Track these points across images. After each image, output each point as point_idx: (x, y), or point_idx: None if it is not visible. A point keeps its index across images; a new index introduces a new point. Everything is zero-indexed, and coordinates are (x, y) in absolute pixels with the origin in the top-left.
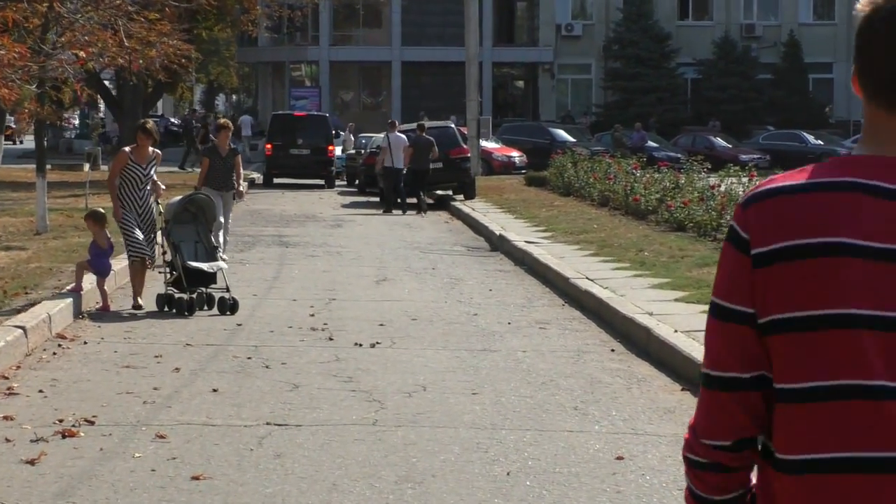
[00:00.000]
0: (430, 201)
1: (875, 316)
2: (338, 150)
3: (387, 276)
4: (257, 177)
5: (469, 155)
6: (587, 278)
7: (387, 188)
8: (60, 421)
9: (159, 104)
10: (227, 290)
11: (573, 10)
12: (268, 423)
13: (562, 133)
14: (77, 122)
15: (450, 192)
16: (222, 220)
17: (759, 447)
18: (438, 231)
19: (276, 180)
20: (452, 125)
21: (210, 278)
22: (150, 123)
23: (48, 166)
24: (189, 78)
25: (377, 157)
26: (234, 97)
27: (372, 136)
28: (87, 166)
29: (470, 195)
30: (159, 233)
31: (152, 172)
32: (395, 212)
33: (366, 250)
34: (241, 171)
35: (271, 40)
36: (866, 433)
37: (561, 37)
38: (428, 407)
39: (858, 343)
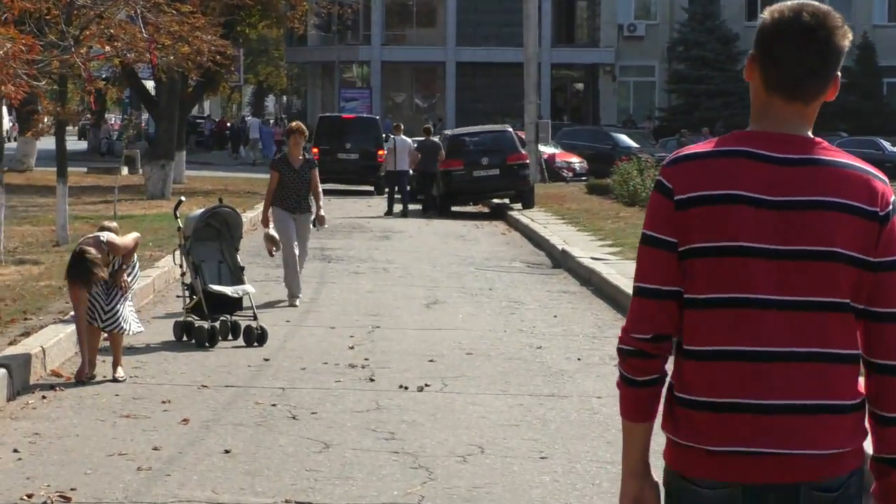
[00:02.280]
0: (486, 209)
1: (758, 248)
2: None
3: (438, 299)
4: None
5: (528, 161)
6: None
7: (390, 190)
8: (29, 496)
9: (206, 105)
10: (255, 317)
11: (636, 9)
12: (286, 501)
13: (624, 138)
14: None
15: (506, 201)
16: (296, 251)
17: (675, 345)
18: (495, 244)
19: (322, 186)
20: (509, 129)
21: (235, 304)
22: (91, 253)
23: (84, 169)
24: (232, 77)
25: (385, 159)
26: (284, 98)
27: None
28: (124, 169)
29: (528, 204)
30: (176, 252)
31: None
32: (395, 213)
33: (415, 266)
34: (320, 188)
35: (321, 39)
36: (748, 332)
37: (623, 37)
38: (487, 477)
39: (746, 267)
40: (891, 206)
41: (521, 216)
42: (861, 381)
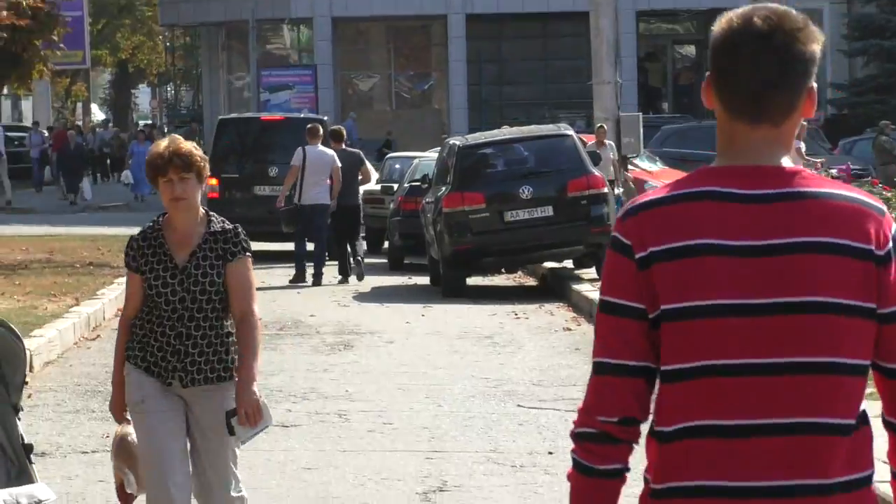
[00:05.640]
0: (532, 281)
1: (732, 304)
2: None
3: (445, 480)
4: None
5: (605, 189)
6: None
7: (298, 240)
8: None
9: (26, 106)
10: None
11: None
12: None
13: None
14: None
15: (568, 265)
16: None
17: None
18: (552, 351)
19: None
20: (571, 132)
21: None
22: None
23: None
24: (53, 55)
25: (293, 188)
26: (169, 90)
27: (416, 158)
28: None
29: None
30: None
31: None
32: (307, 280)
33: (400, 405)
34: (255, 313)
35: None
36: (723, 404)
37: None
38: None
39: (717, 328)
40: (891, 242)
41: (598, 292)
42: (871, 451)
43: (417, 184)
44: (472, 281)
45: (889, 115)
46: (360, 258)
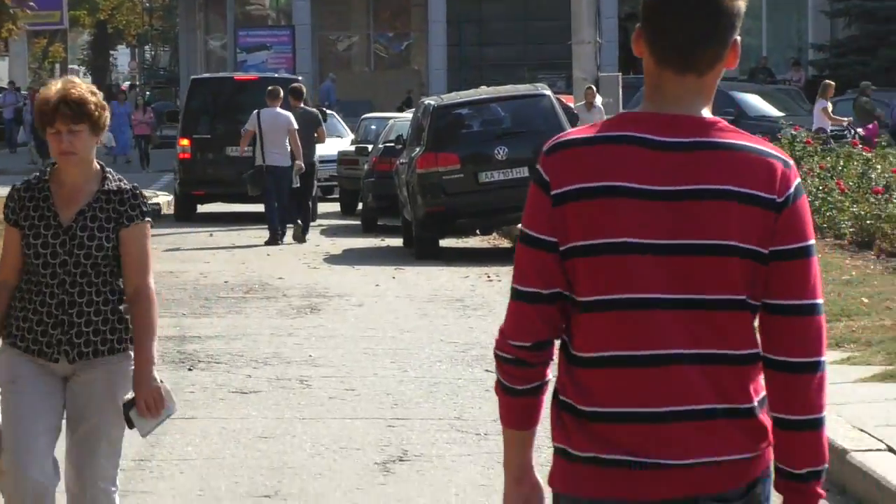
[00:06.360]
0: (507, 243)
1: (644, 243)
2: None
3: (406, 448)
4: (161, 200)
5: None
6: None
7: (267, 200)
8: None
9: (1, 68)
10: None
11: None
12: None
13: (753, 100)
14: None
15: None
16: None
17: (559, 347)
18: None
19: (199, 207)
20: (548, 92)
21: None
22: None
23: None
24: (23, 15)
25: (255, 150)
26: (148, 51)
27: (391, 118)
28: None
29: None
30: None
31: None
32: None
33: (364, 370)
34: (151, 284)
35: None
36: (635, 335)
37: None
38: None
39: (629, 265)
40: (791, 190)
41: None
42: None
43: (392, 144)
44: (446, 243)
45: (870, 76)
46: (299, 220)
